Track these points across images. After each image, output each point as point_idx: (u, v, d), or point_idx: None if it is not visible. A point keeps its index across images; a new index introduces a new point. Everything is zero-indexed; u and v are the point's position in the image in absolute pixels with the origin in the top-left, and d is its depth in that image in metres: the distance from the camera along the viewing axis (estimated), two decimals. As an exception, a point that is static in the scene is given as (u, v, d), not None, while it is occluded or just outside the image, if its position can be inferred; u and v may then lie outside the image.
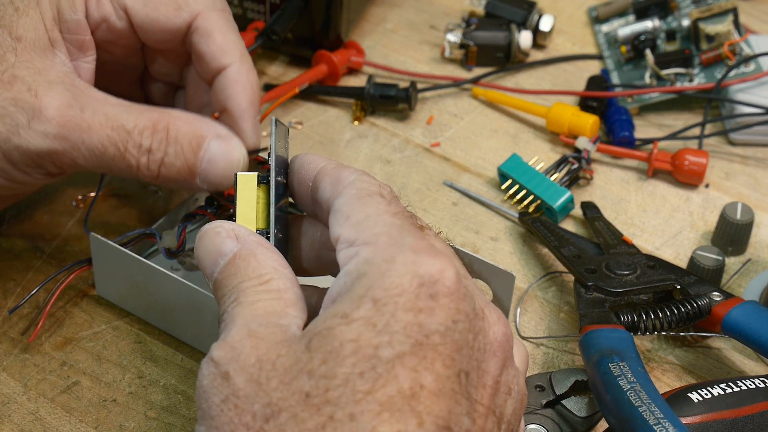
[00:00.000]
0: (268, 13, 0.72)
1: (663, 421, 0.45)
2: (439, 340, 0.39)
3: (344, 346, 0.38)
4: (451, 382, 0.38)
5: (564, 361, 0.56)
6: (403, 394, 0.37)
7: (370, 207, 0.43)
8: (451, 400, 0.38)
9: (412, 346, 0.38)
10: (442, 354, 0.38)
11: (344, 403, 0.37)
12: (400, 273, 0.39)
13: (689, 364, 0.56)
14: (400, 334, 0.38)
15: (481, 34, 0.75)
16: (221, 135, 0.52)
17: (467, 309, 0.40)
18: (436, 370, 0.38)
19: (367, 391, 0.37)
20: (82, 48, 0.54)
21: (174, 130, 0.51)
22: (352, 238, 0.42)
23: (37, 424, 0.52)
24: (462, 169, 0.68)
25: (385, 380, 0.37)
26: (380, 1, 0.81)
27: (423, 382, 0.38)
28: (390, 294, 0.39)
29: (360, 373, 0.37)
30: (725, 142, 0.71)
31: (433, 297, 0.39)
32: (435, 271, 0.40)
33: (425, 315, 0.39)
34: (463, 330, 0.39)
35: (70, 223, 0.62)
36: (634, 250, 0.59)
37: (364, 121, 0.71)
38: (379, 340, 0.38)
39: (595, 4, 0.80)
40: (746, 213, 0.62)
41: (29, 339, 0.55)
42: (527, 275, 0.61)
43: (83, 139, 0.50)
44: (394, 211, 0.43)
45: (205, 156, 0.51)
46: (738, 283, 0.61)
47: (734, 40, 0.71)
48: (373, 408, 0.37)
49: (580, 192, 0.67)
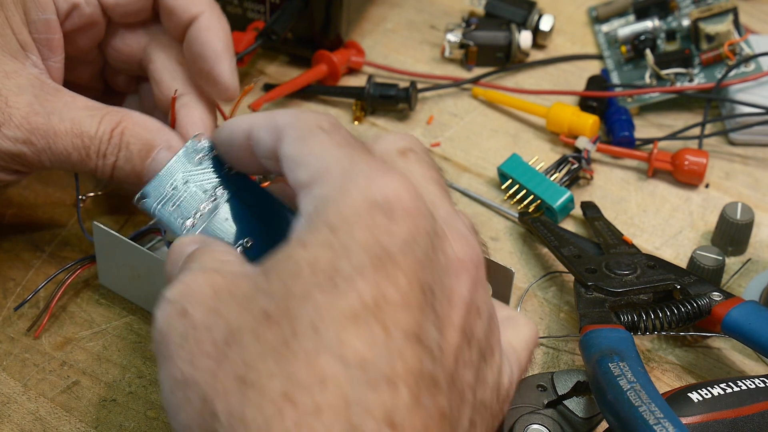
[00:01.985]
0: (268, 13, 0.72)
1: (663, 421, 0.45)
2: (399, 254, 0.38)
3: (301, 266, 0.37)
4: (415, 295, 0.37)
5: (564, 361, 0.56)
6: (366, 306, 0.36)
7: (314, 144, 0.42)
8: (418, 312, 0.37)
9: (371, 260, 0.37)
10: (404, 268, 0.37)
11: (305, 316, 0.36)
12: (353, 198, 0.38)
13: (689, 364, 0.56)
14: (359, 250, 0.37)
15: (481, 34, 0.75)
16: (171, 146, 0.52)
17: (427, 226, 0.39)
18: (398, 283, 0.37)
19: (327, 303, 0.36)
20: (52, 47, 0.54)
21: (128, 135, 0.52)
22: (305, 180, 0.41)
23: (37, 424, 0.52)
24: (462, 169, 0.68)
25: (346, 292, 0.36)
26: (380, 1, 0.81)
27: (386, 293, 0.37)
28: (345, 219, 0.38)
29: (319, 286, 0.37)
30: (725, 142, 0.71)
31: (390, 216, 0.38)
32: (389, 191, 0.39)
33: (383, 232, 0.38)
34: (424, 245, 0.38)
35: (70, 223, 0.62)
36: (634, 250, 0.59)
37: (364, 121, 0.71)
38: (337, 256, 0.37)
39: (595, 4, 0.80)
40: (746, 213, 0.62)
41: (35, 335, 0.56)
42: (527, 275, 0.61)
43: (49, 145, 0.52)
44: (339, 142, 0.42)
45: (152, 165, 0.52)
46: (738, 283, 0.61)
47: (734, 40, 0.71)
48: (337, 319, 0.36)
49: (580, 192, 0.67)
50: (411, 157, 0.44)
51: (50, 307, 0.56)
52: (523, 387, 0.53)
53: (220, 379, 0.36)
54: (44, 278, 0.57)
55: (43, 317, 0.56)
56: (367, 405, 0.35)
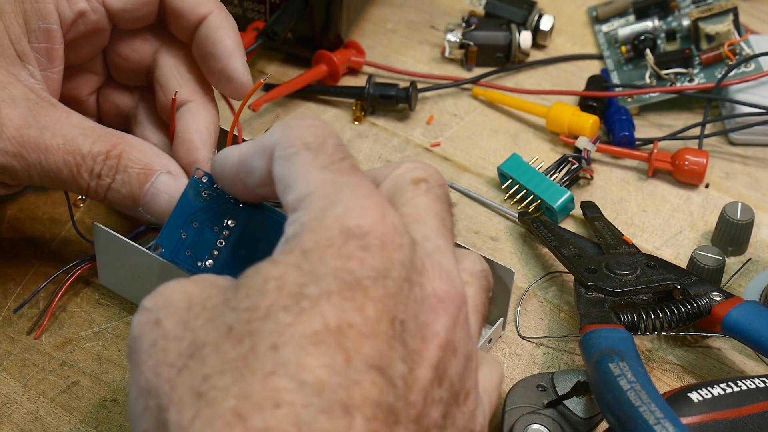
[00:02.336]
0: (268, 13, 0.72)
1: (663, 421, 0.45)
2: (369, 284, 0.37)
3: (268, 282, 0.37)
4: (383, 326, 0.37)
5: (564, 361, 0.56)
6: (329, 330, 0.36)
7: (298, 166, 0.42)
8: (384, 344, 0.37)
9: (340, 287, 0.37)
10: (373, 298, 0.37)
11: (266, 334, 0.36)
12: (329, 227, 0.38)
13: (689, 364, 0.56)
14: (329, 276, 0.37)
15: (481, 34, 0.75)
16: (171, 171, 0.52)
17: (402, 259, 0.38)
18: (366, 312, 0.37)
19: (289, 323, 0.36)
20: (51, 57, 0.54)
21: (126, 158, 0.52)
22: (291, 204, 0.41)
23: (37, 424, 0.52)
24: (462, 169, 0.68)
25: (310, 315, 0.36)
26: (380, 1, 0.81)
27: (352, 321, 0.36)
28: (318, 246, 0.38)
29: (284, 306, 0.36)
30: (725, 142, 0.71)
31: (364, 248, 0.38)
32: (366, 223, 0.38)
33: (355, 262, 0.38)
34: (397, 278, 0.38)
35: (70, 224, 0.62)
36: (634, 250, 0.59)
37: (364, 121, 0.71)
38: (305, 279, 0.37)
39: (595, 4, 0.80)
40: (746, 213, 0.62)
41: (35, 336, 0.56)
42: (527, 275, 0.61)
43: (40, 160, 0.51)
44: (323, 164, 0.41)
45: (150, 189, 0.52)
46: (738, 283, 0.61)
47: (734, 40, 0.71)
48: (297, 340, 0.35)
49: (580, 192, 0.67)
50: (422, 187, 0.43)
51: (50, 309, 0.56)
52: (523, 387, 0.53)
53: (178, 390, 0.36)
54: (44, 278, 0.57)
55: (43, 318, 0.56)
56: (318, 431, 0.34)
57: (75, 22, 0.54)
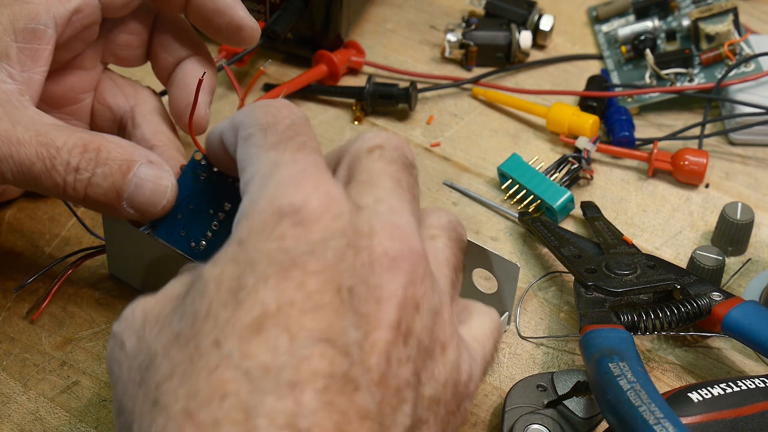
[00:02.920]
0: (268, 13, 0.72)
1: (663, 421, 0.45)
2: (307, 259, 0.37)
3: (208, 284, 0.38)
4: (328, 297, 0.37)
5: (564, 361, 0.56)
6: (269, 314, 0.36)
7: (250, 148, 0.42)
8: (330, 314, 0.37)
9: (275, 269, 0.37)
10: (313, 271, 0.37)
11: (208, 332, 0.36)
12: (261, 210, 0.38)
13: (689, 364, 0.56)
14: (264, 261, 0.37)
15: (481, 34, 0.75)
16: (152, 161, 0.51)
17: (341, 227, 0.38)
18: (306, 287, 0.37)
19: (229, 317, 0.36)
20: (36, 58, 0.53)
21: (105, 151, 0.50)
22: (242, 189, 0.41)
23: (37, 424, 0.52)
24: (462, 169, 0.68)
25: (250, 305, 0.36)
26: (380, 1, 0.81)
27: (292, 299, 0.36)
28: (252, 231, 0.38)
29: (223, 302, 0.37)
30: (725, 142, 0.71)
31: (297, 224, 0.38)
32: (298, 200, 0.38)
33: (290, 240, 0.38)
34: (337, 246, 0.38)
35: (70, 223, 0.62)
36: (634, 250, 0.59)
37: (364, 121, 0.71)
38: (241, 270, 0.37)
39: (595, 4, 0.80)
40: (746, 213, 0.62)
41: (33, 317, 0.56)
42: (527, 275, 0.61)
43: (12, 154, 0.50)
44: (271, 143, 0.41)
45: (133, 180, 0.50)
46: (738, 283, 0.61)
47: (734, 40, 0.71)
48: (238, 331, 0.36)
49: (580, 192, 0.67)
50: (376, 154, 0.43)
51: (51, 293, 0.56)
52: (523, 387, 0.53)
53: (139, 403, 0.37)
54: (44, 278, 0.57)
55: (43, 300, 0.56)
56: (268, 413, 0.35)
57: (70, 20, 0.54)
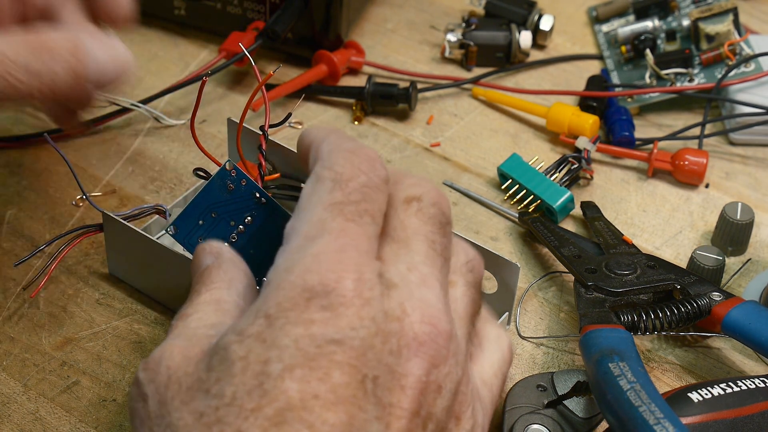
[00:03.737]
0: (268, 13, 0.72)
1: (663, 421, 0.45)
2: (334, 348, 0.37)
3: (235, 364, 0.37)
4: (352, 389, 0.36)
5: (564, 361, 0.56)
6: (292, 407, 0.36)
7: (313, 195, 0.41)
8: (353, 407, 0.36)
9: (303, 358, 0.36)
10: (339, 362, 0.36)
11: (231, 420, 0.36)
12: (292, 285, 0.38)
13: (689, 364, 0.56)
14: (291, 347, 0.37)
15: (481, 34, 0.75)
16: (91, 32, 0.49)
17: (372, 314, 0.38)
18: (331, 379, 0.36)
19: (254, 408, 0.36)
20: None
21: (51, 42, 0.47)
22: (287, 231, 0.40)
23: (37, 424, 0.52)
24: (462, 169, 0.68)
25: (274, 395, 0.36)
26: (380, 1, 0.81)
27: (316, 392, 0.36)
28: (281, 309, 0.37)
29: (248, 390, 0.36)
30: (725, 142, 0.71)
31: (327, 308, 0.37)
32: (329, 281, 0.37)
33: (318, 326, 0.37)
34: (366, 335, 0.37)
35: (70, 223, 0.62)
36: (634, 250, 0.59)
37: (364, 121, 0.71)
38: (268, 355, 0.37)
39: (595, 4, 0.80)
40: (746, 213, 0.62)
41: (31, 295, 0.56)
42: (527, 275, 0.61)
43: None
44: (332, 202, 0.40)
45: (89, 57, 0.47)
46: (738, 283, 0.61)
47: (734, 40, 0.71)
48: (261, 424, 0.36)
49: (580, 192, 0.67)
50: (414, 207, 0.42)
51: (50, 270, 0.56)
52: (523, 387, 0.53)
53: None
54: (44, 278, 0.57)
55: (42, 277, 0.56)
56: None
57: None
